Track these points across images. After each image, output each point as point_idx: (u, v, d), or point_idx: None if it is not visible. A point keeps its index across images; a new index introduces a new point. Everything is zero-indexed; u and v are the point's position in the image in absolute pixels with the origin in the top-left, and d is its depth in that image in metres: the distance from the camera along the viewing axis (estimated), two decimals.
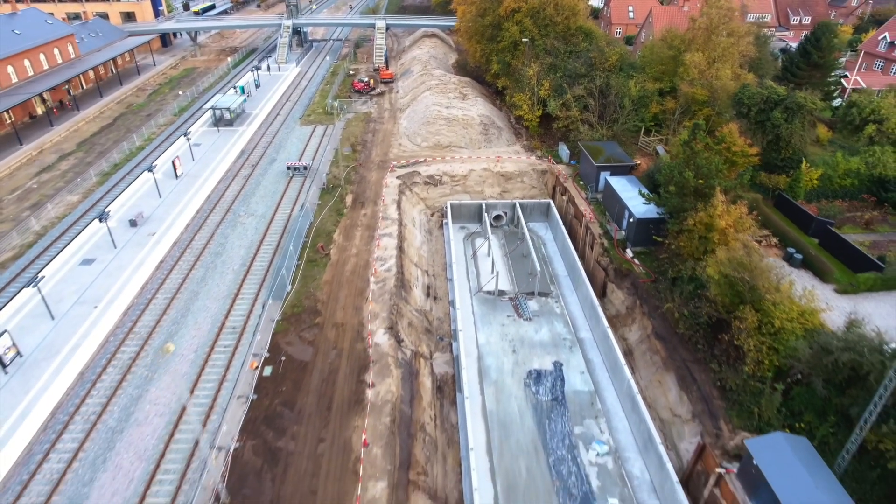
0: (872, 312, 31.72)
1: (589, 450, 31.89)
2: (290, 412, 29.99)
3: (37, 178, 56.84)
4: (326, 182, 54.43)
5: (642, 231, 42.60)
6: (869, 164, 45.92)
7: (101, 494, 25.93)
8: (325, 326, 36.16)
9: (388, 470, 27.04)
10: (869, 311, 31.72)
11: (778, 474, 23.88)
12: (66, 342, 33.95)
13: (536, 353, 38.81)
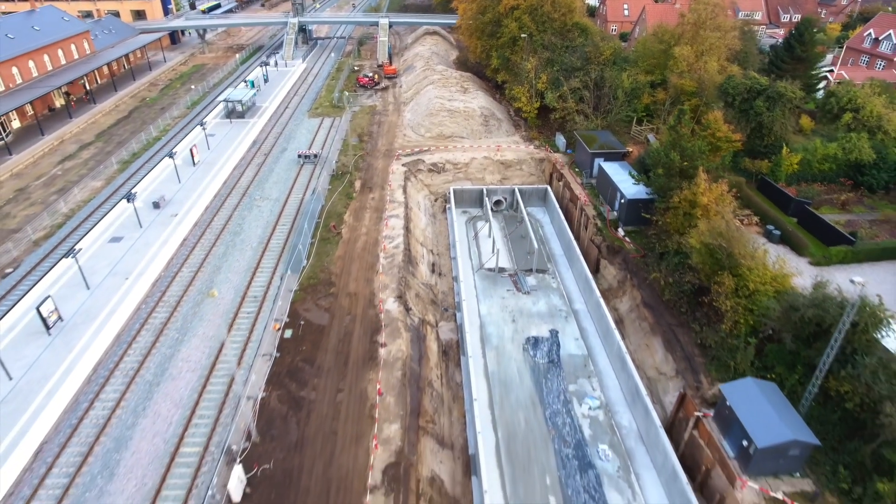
0: (842, 282, 34.74)
1: (582, 404, 34.98)
2: (311, 367, 33.06)
3: (60, 166, 59.90)
4: (336, 169, 57.52)
5: (633, 211, 45.66)
6: (846, 150, 48.93)
7: (143, 436, 28.96)
8: (339, 295, 39.24)
9: (401, 415, 30.10)
10: (839, 280, 34.73)
11: (748, 413, 26.94)
12: (102, 309, 36.97)
13: (534, 323, 41.90)
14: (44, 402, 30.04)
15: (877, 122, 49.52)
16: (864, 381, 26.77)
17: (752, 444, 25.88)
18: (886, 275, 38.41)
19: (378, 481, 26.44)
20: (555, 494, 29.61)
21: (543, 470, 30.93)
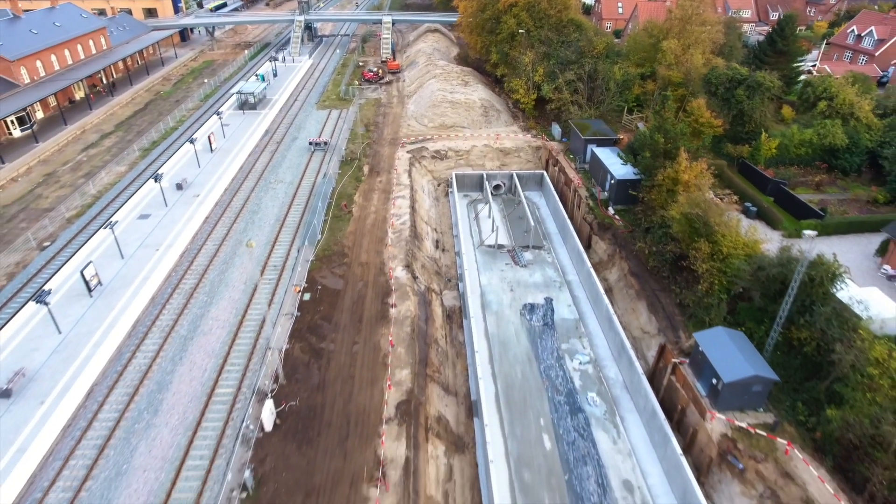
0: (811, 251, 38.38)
1: (573, 360, 38.64)
2: (329, 324, 36.70)
3: (84, 153, 63.52)
4: (345, 155, 61.18)
5: (622, 191, 49.36)
6: (820, 136, 52.63)
7: (181, 380, 32.58)
8: (352, 265, 42.90)
9: (411, 363, 33.74)
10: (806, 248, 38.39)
11: (717, 356, 30.59)
12: (137, 275, 40.58)
13: (530, 292, 45.58)
14: (91, 352, 33.64)
15: (849, 109, 53.16)
16: (820, 328, 30.53)
17: (720, 381, 29.54)
18: (852, 245, 42.13)
19: (392, 415, 30.08)
20: (548, 433, 33.26)
21: (538, 414, 34.59)
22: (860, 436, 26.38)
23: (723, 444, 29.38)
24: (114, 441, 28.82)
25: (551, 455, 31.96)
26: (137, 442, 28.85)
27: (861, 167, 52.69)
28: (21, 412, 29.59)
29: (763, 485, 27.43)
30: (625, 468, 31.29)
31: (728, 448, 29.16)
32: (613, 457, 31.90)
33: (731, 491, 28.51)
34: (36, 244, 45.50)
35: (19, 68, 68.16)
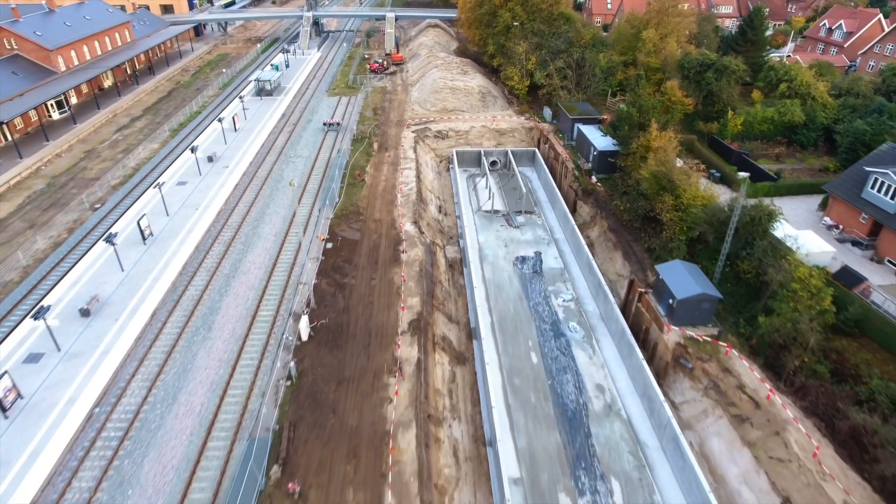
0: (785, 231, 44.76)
1: (558, 298, 45.10)
2: (349, 265, 43.15)
3: (119, 133, 69.93)
4: (356, 134, 67.65)
5: (603, 161, 55.87)
6: (781, 114, 59.13)
7: (228, 306, 38.97)
8: (366, 221, 49.36)
9: (420, 293, 40.19)
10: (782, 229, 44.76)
11: (674, 281, 37.08)
12: (182, 228, 47.01)
13: (522, 247, 52.03)
14: (151, 285, 40.04)
15: (806, 90, 59.70)
16: (758, 258, 37.08)
17: (675, 300, 36.04)
18: (800, 204, 48.63)
19: (405, 329, 36.53)
20: (535, 351, 39.70)
21: (527, 338, 41.02)
22: (784, 336, 32.90)
23: (676, 351, 35.90)
24: (178, 348, 35.23)
25: (537, 367, 38.40)
26: (197, 349, 35.26)
27: (817, 141, 59.18)
28: (100, 327, 36.01)
29: (707, 379, 33.93)
30: (598, 376, 37.73)
31: (680, 353, 35.68)
32: (589, 368, 38.34)
33: (683, 386, 35.02)
34: (88, 206, 51.88)
35: (57, 57, 74.53)
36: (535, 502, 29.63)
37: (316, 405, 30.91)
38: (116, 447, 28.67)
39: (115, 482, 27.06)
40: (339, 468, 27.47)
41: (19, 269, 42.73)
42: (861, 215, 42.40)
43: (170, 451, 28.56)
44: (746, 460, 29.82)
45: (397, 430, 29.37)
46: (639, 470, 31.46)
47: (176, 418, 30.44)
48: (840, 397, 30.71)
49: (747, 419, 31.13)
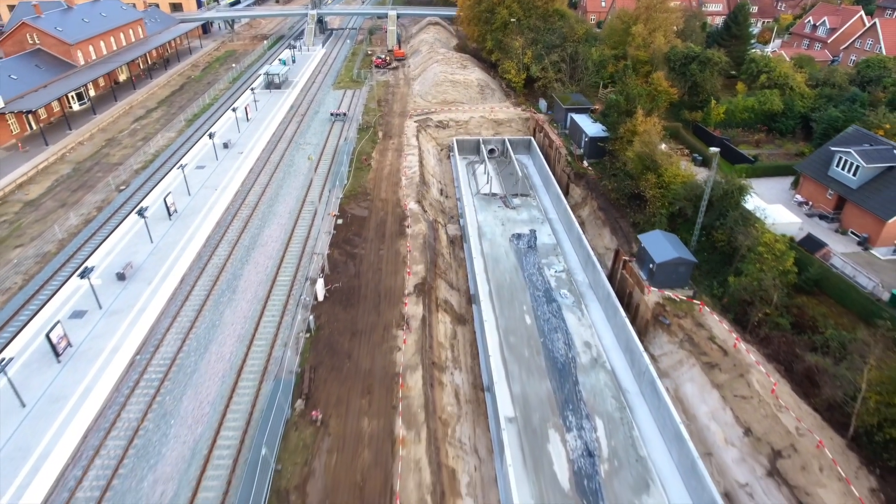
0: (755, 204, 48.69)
1: (550, 269, 48.98)
2: (359, 238, 47.02)
3: (136, 123, 73.76)
4: (361, 124, 71.50)
5: (594, 146, 59.78)
6: (761, 103, 63.06)
7: (250, 272, 42.79)
8: (374, 200, 53.22)
9: (424, 262, 44.04)
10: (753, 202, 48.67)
11: (653, 247, 40.91)
12: (203, 206, 50.83)
13: (518, 226, 55.90)
14: (178, 255, 43.86)
15: (784, 80, 63.61)
16: (730, 227, 40.98)
17: (654, 264, 39.92)
18: (775, 184, 52.45)
19: (411, 290, 40.39)
20: (529, 314, 43.56)
21: (522, 303, 44.89)
22: (750, 293, 36.82)
23: (656, 310, 39.79)
24: (206, 307, 39.07)
25: (531, 327, 42.27)
26: (224, 308, 39.12)
27: (795, 129, 63.07)
28: (135, 289, 39.84)
29: (683, 333, 37.82)
30: (586, 335, 41.59)
31: (659, 312, 39.58)
32: (578, 328, 42.21)
33: (661, 341, 38.91)
34: (114, 187, 55.70)
35: (76, 51, 78.35)
36: (527, 437, 33.48)
37: (333, 352, 34.77)
38: (158, 387, 32.51)
39: (159, 414, 30.91)
40: (355, 402, 31.33)
41: (55, 242, 46.55)
42: (827, 192, 46.30)
43: (205, 390, 32.41)
44: (715, 399, 33.72)
45: (405, 372, 33.24)
46: (620, 411, 35.32)
47: (209, 364, 34.29)
48: (798, 345, 34.62)
49: (716, 365, 35.03)
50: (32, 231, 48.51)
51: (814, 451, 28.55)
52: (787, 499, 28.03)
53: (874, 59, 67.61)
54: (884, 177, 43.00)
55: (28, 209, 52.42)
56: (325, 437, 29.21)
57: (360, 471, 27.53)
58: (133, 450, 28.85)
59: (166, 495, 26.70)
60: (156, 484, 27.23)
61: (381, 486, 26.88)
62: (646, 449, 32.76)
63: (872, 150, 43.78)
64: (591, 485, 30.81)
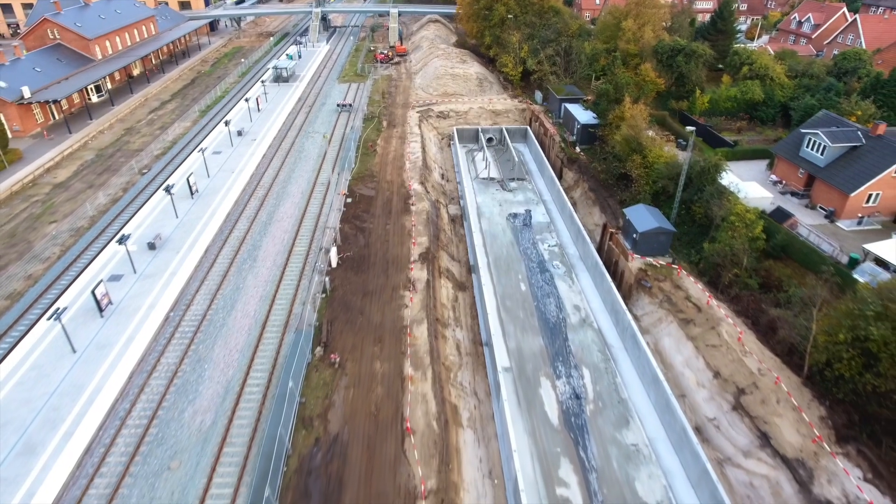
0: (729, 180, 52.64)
1: (544, 244, 52.93)
2: (367, 214, 50.95)
3: (153, 114, 77.68)
4: (366, 114, 75.45)
5: (585, 133, 63.77)
6: (742, 92, 67.08)
7: (268, 244, 46.70)
8: (380, 181, 57.17)
9: (427, 235, 47.99)
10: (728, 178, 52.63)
11: (637, 219, 44.89)
12: (222, 187, 54.75)
13: (514, 206, 59.85)
14: (202, 228, 47.76)
15: (765, 71, 67.61)
16: (706, 200, 44.93)
17: (637, 234, 43.89)
18: (754, 166, 56.44)
19: (416, 258, 44.33)
20: (524, 282, 47.52)
21: (517, 272, 48.83)
22: (723, 257, 40.74)
23: (638, 275, 43.76)
24: (231, 273, 42.99)
25: (526, 293, 46.22)
26: (246, 274, 43.05)
27: (775, 117, 67.09)
28: (165, 257, 43.78)
29: (662, 294, 41.79)
30: (575, 299, 45.54)
31: (641, 276, 43.55)
32: (568, 293, 46.17)
33: (643, 302, 42.88)
34: (137, 170, 59.62)
35: (94, 46, 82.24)
36: (522, 383, 37.43)
37: (347, 309, 38.72)
38: (191, 337, 36.43)
39: (194, 359, 34.83)
40: (368, 349, 35.28)
41: (87, 218, 50.46)
42: (799, 171, 50.31)
43: (234, 340, 36.34)
44: (689, 350, 37.70)
45: (412, 325, 37.19)
46: (605, 362, 39.28)
47: (236, 319, 38.21)
48: (764, 302, 38.57)
49: (691, 321, 39.01)
50: (64, 209, 52.42)
51: (773, 387, 32.52)
52: (748, 428, 32.03)
53: (850, 52, 71.68)
54: (848, 156, 47.03)
55: (58, 190, 56.32)
56: (342, 376, 33.15)
57: (374, 402, 31.47)
58: (173, 388, 32.77)
59: (205, 423, 30.62)
60: (195, 414, 31.14)
61: (393, 414, 30.82)
62: (627, 392, 36.73)
63: (838, 132, 47.82)
64: (578, 421, 34.76)
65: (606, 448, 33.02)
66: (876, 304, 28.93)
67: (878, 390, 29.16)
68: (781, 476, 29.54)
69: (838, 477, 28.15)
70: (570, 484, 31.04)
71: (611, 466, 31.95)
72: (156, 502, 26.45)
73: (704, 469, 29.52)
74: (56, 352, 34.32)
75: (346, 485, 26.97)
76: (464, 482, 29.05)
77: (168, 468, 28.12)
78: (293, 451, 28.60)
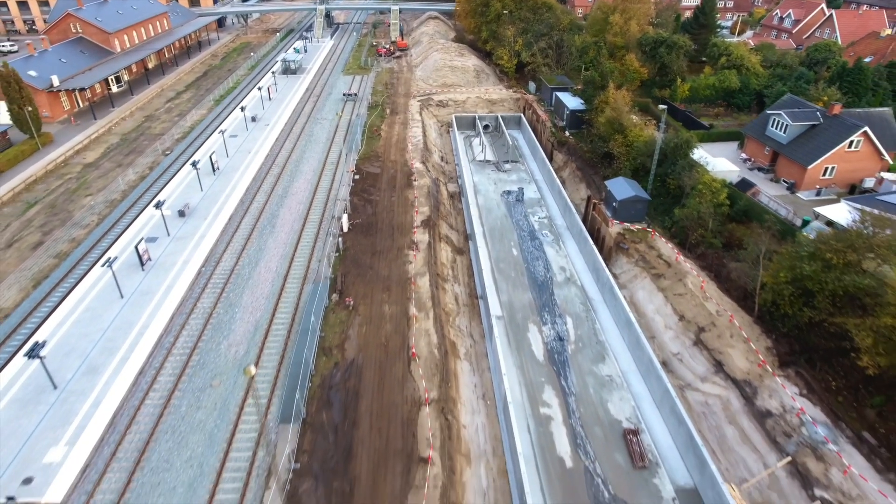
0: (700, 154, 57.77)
1: (534, 216, 58.09)
2: (374, 188, 56.11)
3: (170, 103, 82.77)
4: (370, 103, 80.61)
5: (574, 119, 68.97)
6: (720, 81, 72.37)
7: (285, 212, 51.81)
8: (385, 161, 62.34)
9: (429, 206, 53.14)
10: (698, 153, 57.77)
11: (616, 189, 50.07)
12: (240, 165, 59.88)
13: (508, 185, 64.99)
14: (224, 201, 52.86)
15: (741, 61, 72.88)
16: (679, 173, 50.13)
17: (616, 202, 49.07)
18: (727, 147, 61.57)
19: (418, 224, 49.48)
20: (516, 248, 52.65)
21: (510, 240, 53.96)
22: (691, 220, 45.92)
23: (617, 238, 48.95)
24: (253, 237, 48.10)
25: (517, 257, 51.36)
26: (266, 237, 48.17)
27: (751, 104, 72.34)
28: (194, 223, 48.89)
29: (637, 254, 46.98)
30: (562, 262, 50.65)
31: (620, 239, 48.74)
32: (555, 257, 51.31)
33: (621, 262, 48.06)
34: (161, 151, 64.72)
35: (114, 40, 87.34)
36: (512, 328, 42.56)
37: (358, 265, 43.86)
38: (222, 287, 41.56)
39: (226, 304, 39.94)
40: (378, 295, 40.43)
41: (119, 192, 55.54)
42: (765, 148, 55.52)
43: (259, 289, 41.47)
44: (659, 299, 42.89)
45: (416, 277, 42.36)
46: (586, 312, 44.43)
47: (260, 273, 43.34)
48: (726, 258, 43.77)
49: (662, 275, 44.20)
50: (97, 184, 57.52)
51: (727, 325, 37.72)
52: (706, 359, 37.22)
53: (821, 44, 76.99)
54: (807, 133, 52.24)
55: (89, 169, 61.43)
56: (356, 316, 38.30)
57: (384, 336, 36.62)
58: (210, 326, 37.89)
59: (239, 353, 35.74)
60: (230, 347, 36.26)
61: (400, 345, 35.97)
62: (604, 335, 41.88)
63: (799, 112, 53.05)
64: (561, 358, 39.88)
65: (584, 378, 38.18)
66: (810, 247, 34.14)
67: (814, 321, 34.39)
68: (731, 394, 34.74)
69: (778, 393, 33.33)
70: (552, 405, 36.17)
71: (588, 392, 37.10)
72: (202, 410, 31.56)
73: (666, 390, 34.64)
74: (106, 297, 39.43)
75: (362, 396, 32.13)
76: (461, 398, 34.21)
77: (210, 386, 33.24)
78: (316, 373, 33.74)
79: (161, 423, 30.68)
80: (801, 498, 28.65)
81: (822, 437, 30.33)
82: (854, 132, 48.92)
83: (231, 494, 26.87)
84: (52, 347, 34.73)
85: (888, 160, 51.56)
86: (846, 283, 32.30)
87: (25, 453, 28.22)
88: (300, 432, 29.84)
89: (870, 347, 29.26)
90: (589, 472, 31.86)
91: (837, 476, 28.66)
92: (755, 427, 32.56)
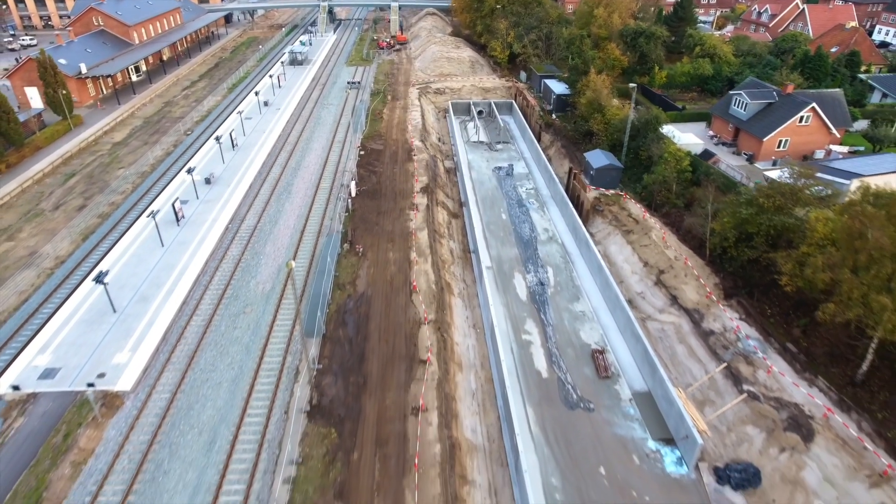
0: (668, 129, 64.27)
1: (522, 187, 64.44)
2: (378, 162, 62.42)
3: (186, 91, 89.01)
4: (373, 90, 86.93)
5: (560, 102, 75.38)
6: (695, 68, 78.81)
7: (299, 182, 58.09)
8: (387, 140, 68.68)
9: (427, 176, 59.45)
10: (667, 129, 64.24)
11: (594, 160, 56.49)
12: (256, 142, 66.17)
13: (499, 162, 71.36)
14: (244, 172, 59.09)
15: (714, 50, 79.36)
16: (649, 145, 56.52)
17: (593, 170, 55.44)
18: (697, 126, 67.83)
19: (418, 191, 55.80)
20: (505, 213, 58.99)
21: (499, 207, 60.30)
22: (658, 184, 52.31)
23: (594, 202, 55.33)
24: (272, 201, 54.36)
25: (506, 221, 57.70)
26: (284, 201, 54.45)
27: (723, 89, 78.67)
28: (219, 189, 55.16)
29: (611, 215, 53.35)
30: (545, 225, 57.01)
31: (596, 203, 55.12)
32: (540, 220, 57.66)
33: (597, 222, 54.45)
34: (183, 132, 70.95)
35: (133, 32, 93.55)
36: (500, 276, 48.88)
37: (365, 222, 50.18)
38: (248, 239, 47.83)
39: (252, 252, 46.23)
40: (383, 245, 46.74)
41: (148, 165, 61.76)
42: (729, 125, 61.93)
43: (280, 241, 47.75)
44: (628, 251, 49.26)
45: (416, 231, 48.68)
46: (565, 263, 50.78)
47: (279, 229, 49.62)
48: (686, 215, 50.15)
49: (631, 231, 50.58)
50: (128, 159, 63.75)
51: (683, 267, 44.10)
52: (664, 295, 43.56)
53: (789, 35, 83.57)
54: (765, 110, 58.63)
55: (118, 147, 67.65)
56: (365, 260, 44.62)
57: (389, 274, 42.94)
58: (239, 269, 44.15)
59: (265, 288, 42.00)
60: (258, 284, 42.53)
61: (403, 281, 42.28)
62: (580, 281, 48.25)
63: (757, 91, 59.49)
64: (542, 298, 46.21)
65: (561, 314, 44.53)
66: (748, 195, 40.56)
67: (752, 259, 40.76)
68: (683, 321, 41.10)
69: (721, 318, 39.69)
70: (532, 333, 42.51)
71: (563, 323, 43.46)
72: (238, 329, 37.84)
73: (629, 319, 40.93)
74: (148, 246, 45.71)
75: (371, 318, 38.44)
76: (454, 324, 40.56)
77: (243, 312, 39.51)
78: (332, 302, 40.05)
79: (205, 338, 36.94)
80: (732, 393, 35.02)
81: (752, 347, 36.73)
82: (803, 108, 55.34)
83: (267, 386, 33.16)
84: (108, 280, 40.91)
85: (836, 135, 58.00)
86: (776, 223, 38.68)
87: (97, 357, 34.49)
88: (321, 344, 36.14)
89: (790, 270, 35.60)
90: (561, 381, 38.21)
91: (763, 376, 35.04)
92: (700, 344, 38.92)
